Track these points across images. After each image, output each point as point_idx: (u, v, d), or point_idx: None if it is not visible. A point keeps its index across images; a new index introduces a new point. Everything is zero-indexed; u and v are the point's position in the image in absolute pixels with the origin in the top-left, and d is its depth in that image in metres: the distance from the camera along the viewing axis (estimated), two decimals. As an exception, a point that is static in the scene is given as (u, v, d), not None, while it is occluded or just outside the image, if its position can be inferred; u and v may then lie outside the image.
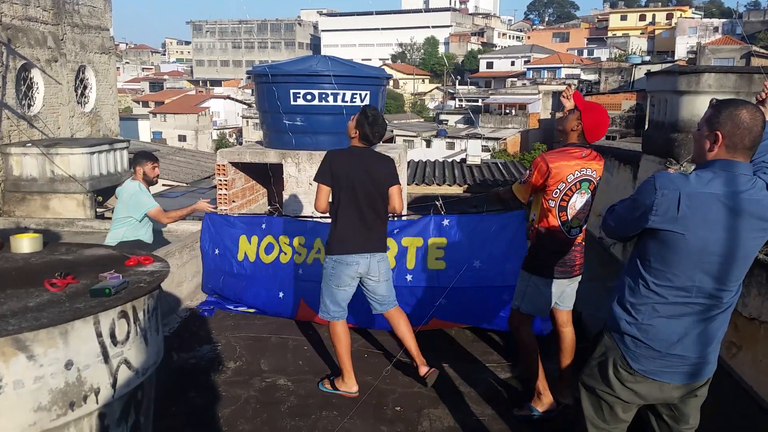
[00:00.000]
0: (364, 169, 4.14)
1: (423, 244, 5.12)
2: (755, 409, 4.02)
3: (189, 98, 56.94)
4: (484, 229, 5.05)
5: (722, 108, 2.35)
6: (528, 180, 3.75)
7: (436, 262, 5.09)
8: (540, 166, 3.67)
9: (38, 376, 2.06)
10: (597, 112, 3.69)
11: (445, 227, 5.11)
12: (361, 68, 7.42)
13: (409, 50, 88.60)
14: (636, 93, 27.28)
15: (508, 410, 4.12)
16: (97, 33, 11.96)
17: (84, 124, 11.56)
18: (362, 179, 4.11)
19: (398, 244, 5.17)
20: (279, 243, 5.69)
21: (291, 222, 5.80)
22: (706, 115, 2.40)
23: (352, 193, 4.11)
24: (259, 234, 5.83)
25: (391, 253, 5.08)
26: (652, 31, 76.73)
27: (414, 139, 42.79)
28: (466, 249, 5.05)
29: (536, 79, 59.36)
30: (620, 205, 2.55)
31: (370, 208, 4.15)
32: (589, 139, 3.71)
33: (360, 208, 4.13)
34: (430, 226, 5.17)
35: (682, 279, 2.35)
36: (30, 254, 2.95)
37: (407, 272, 5.12)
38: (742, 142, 2.31)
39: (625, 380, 2.50)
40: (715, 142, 2.34)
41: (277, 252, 5.69)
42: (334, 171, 4.12)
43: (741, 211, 2.27)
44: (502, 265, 4.92)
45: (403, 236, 5.18)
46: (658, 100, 7.57)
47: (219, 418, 4.02)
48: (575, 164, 3.67)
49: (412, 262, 5.12)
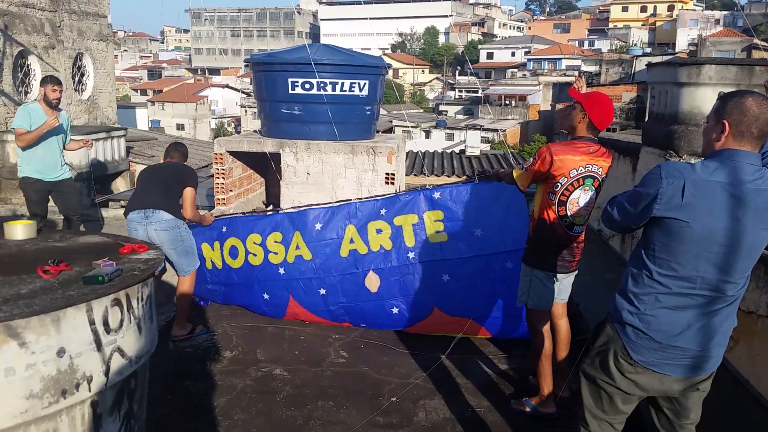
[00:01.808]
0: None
1: (419, 221, 4.98)
2: (751, 402, 4.01)
3: (187, 87, 56.74)
4: (479, 197, 4.90)
5: (729, 98, 2.33)
6: (530, 168, 3.68)
7: (437, 235, 4.95)
8: (544, 156, 3.59)
9: (30, 364, 2.05)
10: (598, 99, 3.62)
11: (437, 200, 4.96)
12: (360, 57, 7.37)
13: (409, 40, 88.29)
14: (637, 85, 27.26)
15: (504, 402, 4.12)
16: (95, 20, 11.89)
17: (81, 112, 11.51)
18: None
19: (390, 224, 5.04)
20: (245, 245, 5.40)
21: (257, 219, 5.52)
22: (713, 107, 2.39)
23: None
24: (220, 239, 5.52)
25: (385, 234, 5.01)
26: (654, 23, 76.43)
27: (413, 129, 42.73)
28: (464, 219, 4.91)
29: (536, 70, 59.20)
30: (623, 197, 2.52)
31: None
32: (599, 127, 3.63)
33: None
34: (420, 201, 5.02)
35: (686, 269, 2.33)
36: (23, 241, 2.93)
37: (408, 250, 4.99)
38: (749, 130, 2.29)
39: (625, 371, 2.49)
40: (722, 132, 2.33)
41: (243, 255, 5.43)
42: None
43: (747, 201, 2.25)
44: (503, 231, 4.77)
45: (394, 215, 5.04)
46: (659, 91, 7.54)
47: (215, 407, 4.01)
48: (581, 159, 3.59)
49: (412, 239, 4.99)
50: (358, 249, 5.08)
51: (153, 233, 4.76)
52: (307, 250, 5.17)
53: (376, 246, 5.05)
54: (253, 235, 5.38)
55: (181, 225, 4.93)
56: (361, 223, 5.09)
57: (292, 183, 7.01)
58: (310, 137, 6.95)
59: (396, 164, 6.86)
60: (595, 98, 3.63)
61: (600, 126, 3.63)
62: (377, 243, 5.04)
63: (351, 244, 5.08)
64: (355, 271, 5.10)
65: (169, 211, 4.84)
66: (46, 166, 6.37)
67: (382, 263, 5.05)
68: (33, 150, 6.24)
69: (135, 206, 4.86)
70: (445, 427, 3.84)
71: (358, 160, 6.83)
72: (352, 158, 6.84)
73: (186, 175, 5.06)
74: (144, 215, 4.77)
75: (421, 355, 4.78)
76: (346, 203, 5.23)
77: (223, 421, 3.84)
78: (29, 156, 6.27)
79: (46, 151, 6.33)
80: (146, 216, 4.77)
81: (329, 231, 5.15)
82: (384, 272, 5.05)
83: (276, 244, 5.30)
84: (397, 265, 5.01)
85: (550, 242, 3.75)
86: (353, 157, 6.84)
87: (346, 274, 5.12)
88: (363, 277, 5.09)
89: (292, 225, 5.29)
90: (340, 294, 5.18)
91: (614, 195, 2.61)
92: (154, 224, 4.77)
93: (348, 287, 5.14)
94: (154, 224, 4.77)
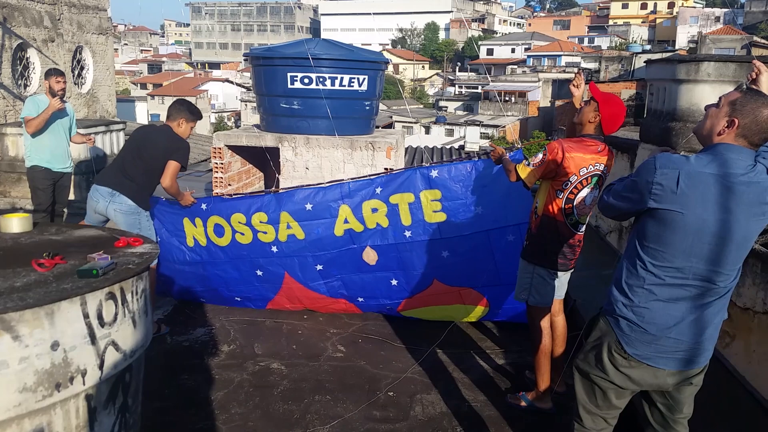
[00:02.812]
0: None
1: (415, 200, 4.87)
2: (746, 398, 4.01)
3: (187, 81, 56.70)
4: (480, 174, 4.79)
5: (751, 99, 2.34)
6: (539, 164, 3.61)
7: (434, 215, 4.86)
8: (556, 151, 3.54)
9: (23, 357, 2.04)
10: (614, 104, 3.59)
11: (435, 179, 4.84)
12: (360, 52, 7.35)
13: (410, 36, 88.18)
14: (636, 82, 27.25)
15: (501, 396, 4.12)
16: (95, 13, 11.86)
17: (81, 105, 11.49)
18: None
19: (386, 203, 4.92)
20: (231, 224, 5.15)
21: (240, 199, 5.26)
22: (732, 96, 2.37)
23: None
24: (201, 216, 5.22)
25: (381, 212, 4.91)
26: (654, 20, 76.45)
27: (413, 125, 42.72)
28: (464, 197, 4.82)
29: (536, 66, 59.17)
30: (619, 185, 2.54)
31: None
32: (606, 131, 3.62)
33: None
34: (417, 179, 4.88)
35: (678, 259, 2.34)
36: (19, 234, 2.92)
37: (405, 228, 4.91)
38: (752, 137, 2.33)
39: (619, 365, 2.50)
40: (728, 127, 2.34)
41: (230, 233, 5.19)
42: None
43: (739, 193, 2.28)
44: (504, 207, 4.71)
45: (390, 194, 4.92)
46: (657, 88, 7.52)
47: (212, 401, 4.02)
48: (591, 158, 3.57)
49: (408, 218, 4.89)
50: (354, 227, 4.97)
51: (112, 212, 4.78)
52: (300, 229, 5.03)
53: (372, 224, 4.95)
54: (238, 215, 5.13)
55: (142, 213, 4.86)
56: (356, 202, 4.95)
57: (291, 178, 7.00)
58: (309, 132, 6.94)
59: (395, 159, 6.85)
60: (612, 102, 3.60)
61: (607, 130, 3.63)
62: (373, 221, 4.95)
63: (346, 224, 4.97)
64: (352, 246, 5.02)
65: (135, 197, 4.79)
66: (54, 157, 6.53)
67: (379, 240, 4.98)
68: (41, 139, 6.39)
69: (107, 181, 4.83)
70: (442, 421, 3.85)
71: (357, 155, 6.82)
72: (351, 153, 6.84)
73: (174, 149, 4.86)
74: (110, 193, 4.76)
75: (418, 349, 4.78)
76: (339, 183, 5.07)
77: (221, 415, 3.84)
78: (38, 145, 6.42)
79: (53, 141, 6.49)
80: (112, 194, 4.76)
81: (321, 211, 4.99)
82: (381, 248, 4.99)
83: (262, 224, 5.10)
84: (393, 242, 4.95)
85: (553, 240, 3.73)
86: (352, 152, 6.83)
87: (342, 249, 5.03)
88: (360, 252, 5.02)
89: (278, 205, 5.07)
90: (338, 267, 5.10)
91: (611, 182, 2.62)
92: (115, 204, 4.76)
93: (345, 261, 5.06)
94: (115, 204, 4.76)
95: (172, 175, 4.83)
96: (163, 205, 5.30)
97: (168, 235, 5.35)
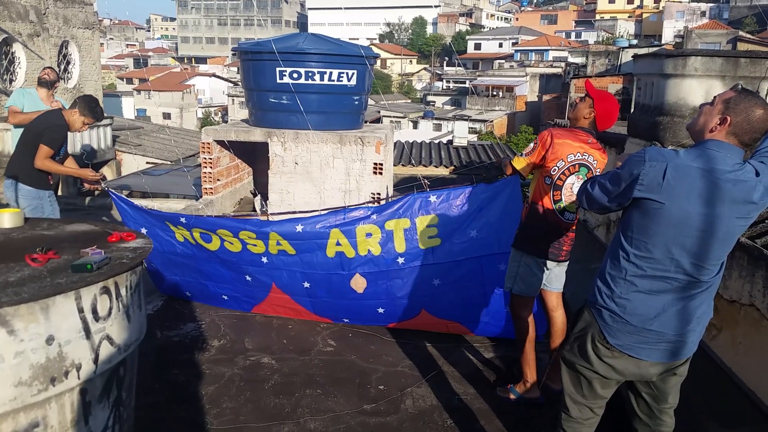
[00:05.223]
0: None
1: (411, 225, 4.82)
2: (733, 389, 4.08)
3: (174, 75, 56.31)
4: (477, 198, 4.74)
5: (744, 99, 2.38)
6: (531, 152, 3.76)
7: (429, 240, 4.81)
8: (545, 138, 3.69)
9: (18, 351, 2.05)
10: (609, 102, 3.71)
11: (433, 204, 4.79)
12: (348, 47, 7.36)
13: (397, 30, 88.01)
14: (623, 76, 27.42)
15: (490, 390, 4.16)
16: (81, 8, 11.77)
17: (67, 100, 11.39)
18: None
19: (381, 229, 4.85)
20: (218, 235, 4.98)
21: (225, 220, 5.12)
22: (727, 95, 2.43)
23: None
24: (184, 227, 5.06)
25: (375, 238, 4.83)
26: (640, 15, 76.66)
27: (401, 120, 42.71)
28: (460, 222, 4.77)
29: (524, 61, 59.28)
30: (604, 177, 2.57)
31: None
32: (600, 127, 3.74)
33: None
34: (415, 205, 4.82)
35: (661, 251, 2.38)
36: (11, 229, 2.91)
37: (398, 255, 4.84)
38: (743, 136, 2.38)
39: (602, 355, 2.54)
40: (720, 124, 2.39)
41: (218, 241, 5.03)
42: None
43: (725, 190, 2.31)
44: (498, 232, 4.66)
45: (386, 220, 4.84)
46: (645, 83, 7.58)
47: (203, 395, 4.03)
48: (579, 146, 3.68)
49: (402, 244, 4.83)
50: (346, 252, 4.86)
51: (17, 201, 4.88)
52: (290, 246, 4.91)
53: (364, 250, 4.84)
54: (223, 230, 4.97)
55: (44, 196, 4.88)
56: (348, 226, 4.82)
57: (280, 172, 7.01)
58: (298, 127, 6.94)
59: (384, 154, 6.87)
60: (607, 99, 3.72)
61: (600, 127, 3.75)
62: (365, 247, 4.84)
63: (338, 246, 4.85)
64: (341, 272, 4.92)
65: (30, 181, 4.85)
66: None
67: (369, 267, 4.88)
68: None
69: (7, 170, 4.90)
70: (432, 414, 3.88)
71: (346, 149, 6.84)
72: (340, 148, 6.85)
73: (38, 131, 4.87)
74: (13, 182, 4.84)
75: (408, 343, 4.81)
76: (334, 211, 4.93)
77: (212, 409, 3.85)
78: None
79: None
80: (13, 183, 4.82)
81: (311, 234, 4.85)
82: (371, 276, 4.90)
83: (251, 239, 4.97)
84: (385, 269, 4.88)
85: (541, 227, 3.80)
86: (341, 147, 6.84)
87: (332, 273, 4.94)
88: (349, 279, 4.93)
89: (266, 224, 4.97)
90: (325, 290, 5.03)
91: (593, 176, 2.66)
92: (18, 191, 4.86)
93: (333, 286, 4.98)
94: (18, 191, 4.86)
95: (41, 156, 4.91)
96: (140, 210, 5.21)
97: (157, 230, 5.22)
